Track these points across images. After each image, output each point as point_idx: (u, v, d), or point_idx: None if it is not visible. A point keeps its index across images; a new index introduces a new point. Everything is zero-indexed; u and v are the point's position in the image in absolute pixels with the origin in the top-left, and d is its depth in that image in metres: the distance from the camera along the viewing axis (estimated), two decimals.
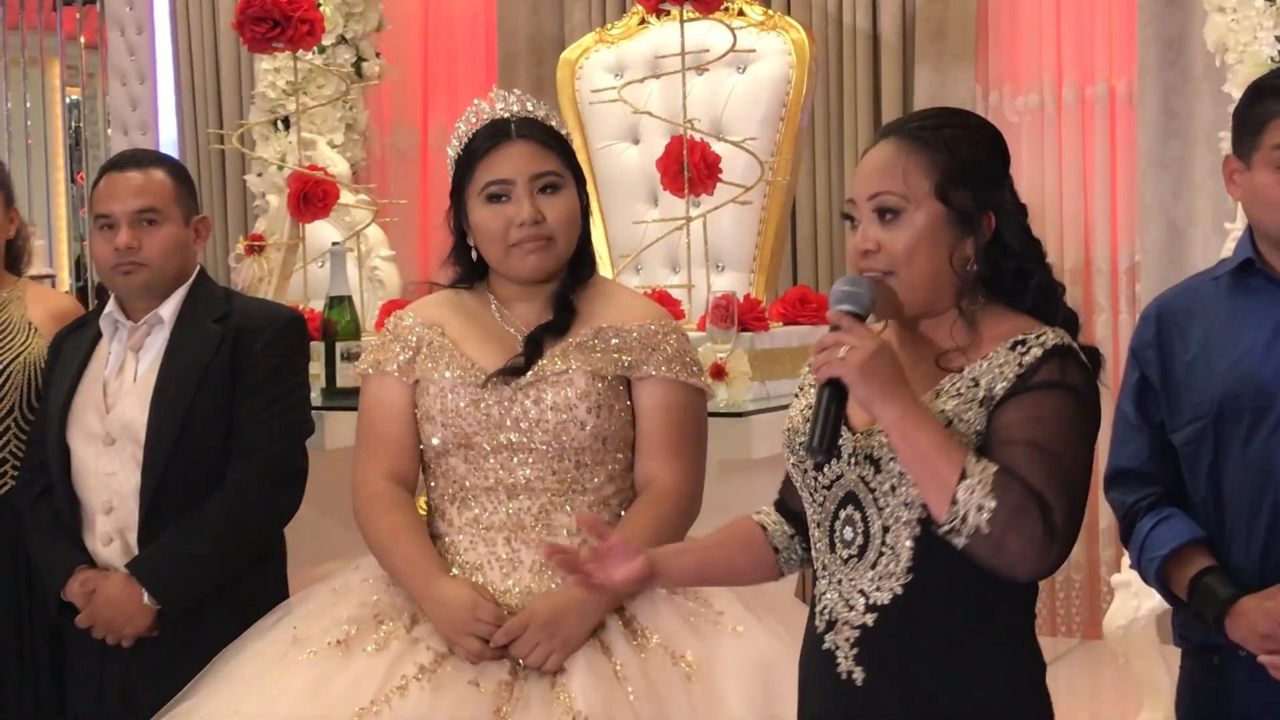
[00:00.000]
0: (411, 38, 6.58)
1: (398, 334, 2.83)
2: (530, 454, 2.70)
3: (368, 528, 2.79)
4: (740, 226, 4.78)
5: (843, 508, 2.14)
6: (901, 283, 2.12)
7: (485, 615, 2.62)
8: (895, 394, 2.02)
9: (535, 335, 2.75)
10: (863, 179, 2.16)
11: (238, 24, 4.45)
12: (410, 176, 6.64)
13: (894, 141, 2.15)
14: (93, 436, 3.15)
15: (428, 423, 2.76)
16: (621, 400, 2.75)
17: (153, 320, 3.18)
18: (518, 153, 2.75)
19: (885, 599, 2.10)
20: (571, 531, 2.70)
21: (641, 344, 2.77)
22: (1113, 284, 5.39)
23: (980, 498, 1.99)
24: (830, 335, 2.06)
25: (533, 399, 2.70)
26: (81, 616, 3.10)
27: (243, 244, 4.89)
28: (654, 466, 2.76)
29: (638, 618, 2.68)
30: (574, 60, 5.19)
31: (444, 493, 2.77)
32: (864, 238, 2.14)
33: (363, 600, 2.74)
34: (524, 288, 2.80)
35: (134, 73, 7.12)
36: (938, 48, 5.46)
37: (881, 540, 2.10)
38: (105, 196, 3.18)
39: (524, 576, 2.70)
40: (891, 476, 2.09)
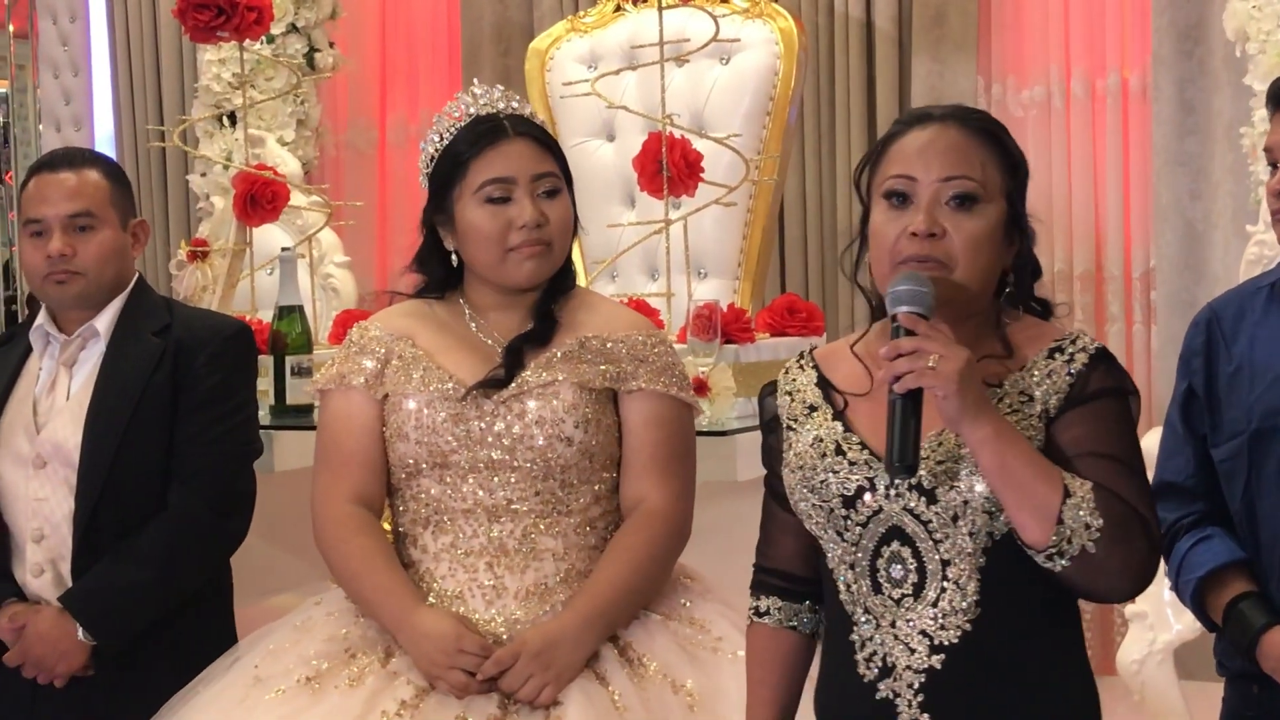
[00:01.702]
0: (368, 26, 6.57)
1: (363, 345, 2.83)
2: (513, 473, 2.70)
3: (333, 554, 2.78)
4: (723, 230, 4.79)
5: (885, 544, 2.13)
6: (958, 278, 2.11)
7: (470, 646, 2.60)
8: (986, 410, 2.01)
9: (515, 345, 2.75)
10: (930, 157, 2.14)
11: (179, 11, 4.45)
12: (367, 176, 6.63)
13: (958, 129, 2.16)
14: (22, 459, 3.14)
15: (399, 440, 2.75)
16: (609, 415, 2.76)
17: (87, 333, 3.18)
18: (518, 151, 2.76)
19: (953, 638, 2.09)
20: (557, 555, 2.71)
21: (630, 355, 2.78)
22: (1126, 291, 5.40)
23: (1086, 516, 1.99)
24: (909, 341, 2.02)
25: (516, 413, 2.70)
26: (10, 654, 3.09)
27: (185, 250, 4.88)
28: (643, 486, 2.77)
29: (633, 645, 2.69)
30: (544, 50, 5.19)
31: (415, 516, 2.77)
32: (932, 220, 2.11)
33: (330, 634, 2.72)
34: (503, 296, 2.80)
35: (67, 64, 7.11)
36: (936, 36, 5.47)
37: (942, 575, 2.09)
38: (36, 200, 3.17)
39: (509, 604, 2.69)
40: (952, 506, 2.08)
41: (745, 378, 3.79)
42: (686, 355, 3.67)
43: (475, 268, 2.80)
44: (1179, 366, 2.68)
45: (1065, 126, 5.45)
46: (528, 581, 2.69)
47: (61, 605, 3.07)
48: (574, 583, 2.71)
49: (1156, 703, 4.37)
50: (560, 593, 2.70)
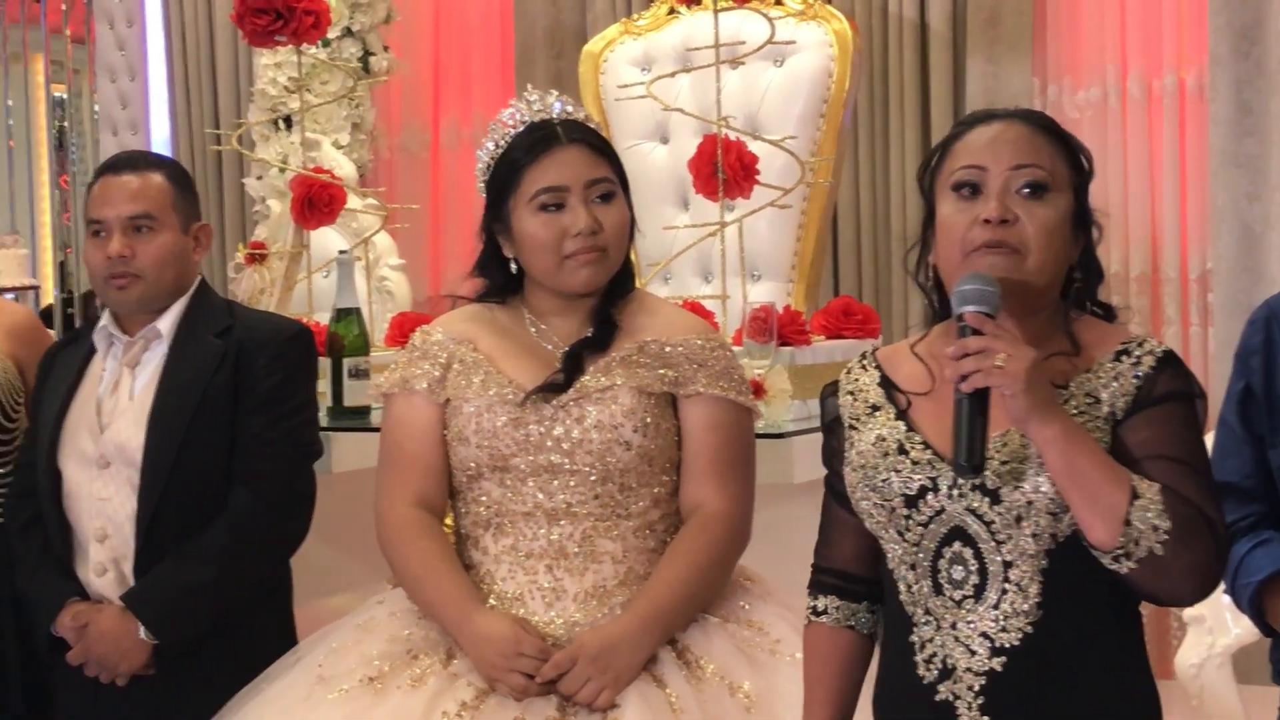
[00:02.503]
0: (421, 30, 6.60)
1: (425, 350, 2.85)
2: (572, 476, 2.72)
3: (396, 557, 2.80)
4: (778, 232, 4.79)
5: (947, 545, 2.13)
6: (1030, 266, 2.12)
7: (529, 649, 2.62)
8: (1054, 409, 2.01)
9: (575, 350, 2.77)
10: (999, 148, 2.15)
11: (237, 16, 4.47)
12: (420, 179, 6.66)
13: (1022, 125, 2.18)
14: (86, 459, 3.16)
15: (460, 444, 2.77)
16: (668, 419, 2.77)
17: (150, 335, 3.20)
18: (570, 159, 2.77)
19: (1014, 640, 2.09)
20: (616, 558, 2.72)
21: (688, 359, 2.79)
22: (1182, 293, 5.38)
23: (1154, 519, 1.99)
24: (976, 340, 2.02)
25: (575, 417, 2.72)
26: (73, 653, 3.12)
27: (243, 252, 4.91)
28: (702, 490, 2.78)
29: (691, 648, 2.70)
30: (597, 53, 5.21)
31: (476, 519, 2.79)
32: (1004, 207, 2.12)
33: (393, 635, 2.74)
34: (563, 301, 2.82)
35: (123, 68, 7.17)
36: (991, 37, 5.45)
37: (1003, 577, 2.09)
38: (99, 201, 3.20)
39: (568, 607, 2.71)
40: (1016, 507, 2.08)
41: (801, 380, 3.79)
42: (742, 358, 3.66)
43: (533, 274, 2.82)
44: (1235, 365, 2.66)
45: (1121, 128, 5.42)
46: (587, 584, 2.71)
47: (124, 604, 3.10)
48: (633, 585, 2.72)
49: (1214, 707, 4.35)
50: (619, 595, 2.71)
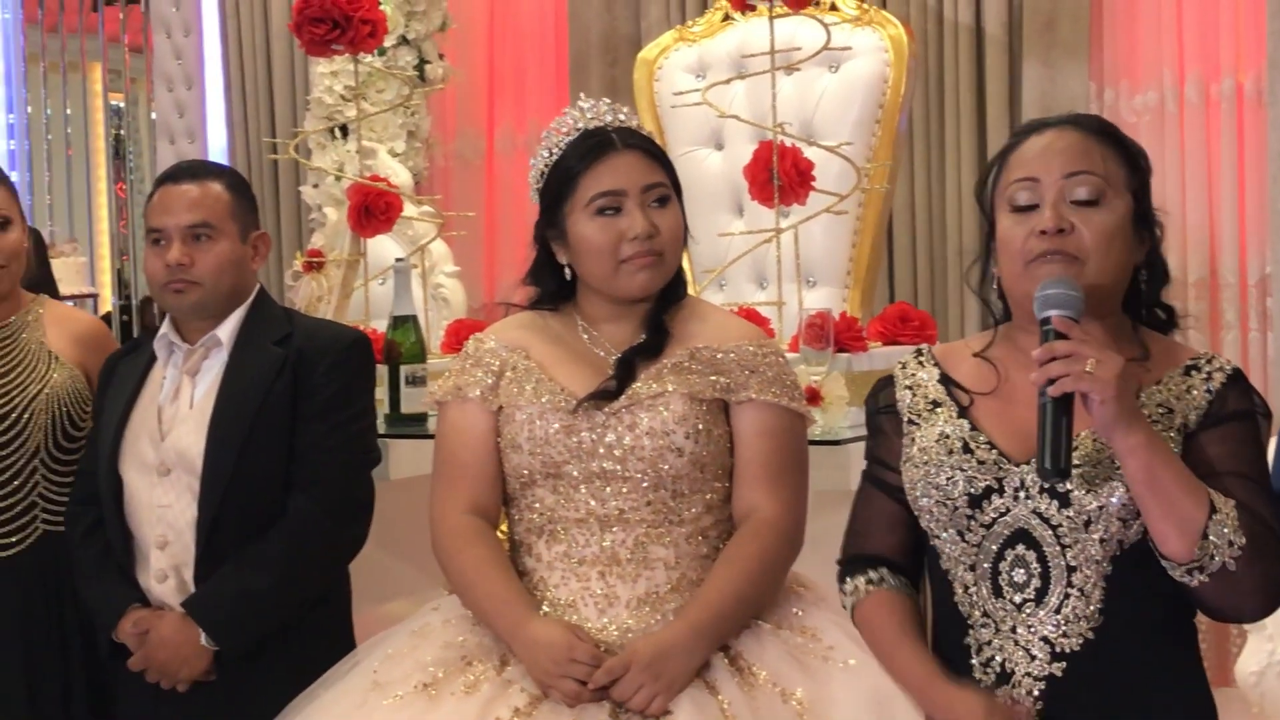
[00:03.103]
0: (476, 37, 6.62)
1: (478, 358, 2.86)
2: (624, 483, 2.72)
3: (450, 564, 2.81)
4: (833, 238, 4.79)
5: (1010, 547, 2.13)
6: (1090, 274, 2.11)
7: (582, 655, 2.62)
8: (1139, 418, 2.00)
9: (627, 357, 2.77)
10: (1050, 158, 2.15)
11: (295, 25, 4.49)
12: (474, 186, 6.68)
13: (1074, 131, 2.17)
14: (146, 466, 3.18)
15: (513, 451, 2.78)
16: (720, 425, 2.77)
17: (210, 342, 3.22)
18: (627, 163, 2.77)
19: (1075, 645, 2.09)
20: (669, 565, 2.72)
21: (740, 366, 2.78)
22: (1241, 298, 5.34)
23: (1231, 534, 1.98)
24: (1064, 344, 2.01)
25: (627, 424, 2.72)
26: (134, 659, 3.14)
27: (300, 260, 4.94)
28: (755, 497, 2.77)
29: (744, 654, 2.69)
30: (652, 60, 5.22)
31: (530, 526, 2.79)
32: (1059, 216, 2.11)
33: (447, 641, 2.75)
34: (616, 308, 2.82)
35: (180, 77, 7.22)
36: (1048, 41, 5.43)
37: (1066, 581, 2.09)
38: (158, 209, 3.22)
39: (620, 613, 2.71)
40: (1086, 511, 2.07)
41: (858, 387, 3.78)
42: (799, 364, 3.67)
43: (588, 280, 2.82)
44: None
45: (1179, 132, 5.39)
46: (639, 590, 2.71)
47: (184, 611, 3.12)
48: (685, 592, 2.71)
49: (1275, 715, 4.32)
50: (671, 602, 2.71)
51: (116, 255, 8.66)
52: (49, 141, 8.33)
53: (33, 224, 3.59)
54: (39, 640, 3.37)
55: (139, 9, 7.79)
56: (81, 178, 8.67)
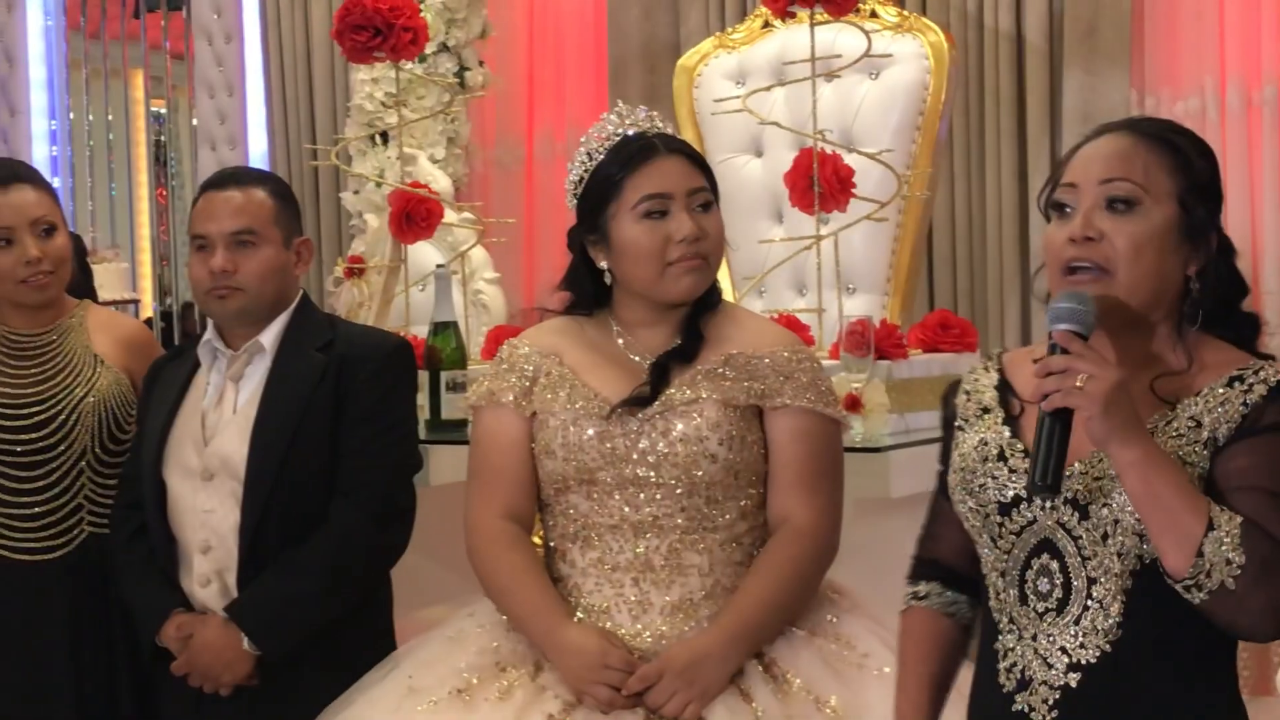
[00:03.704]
0: (516, 45, 6.64)
1: (512, 363, 2.86)
2: (658, 489, 2.71)
3: (485, 570, 2.81)
4: (873, 245, 4.78)
5: (1036, 556, 2.11)
6: (1119, 283, 2.08)
7: (616, 662, 2.63)
8: (1135, 433, 1.98)
9: (661, 362, 2.77)
10: (1091, 163, 2.12)
11: (336, 33, 4.51)
12: (514, 193, 6.69)
13: (1126, 136, 2.14)
14: (190, 472, 3.19)
15: (547, 457, 2.78)
16: (754, 431, 2.76)
17: (253, 349, 3.23)
18: (672, 167, 2.77)
19: (1091, 657, 2.07)
20: (703, 571, 2.72)
21: (775, 372, 2.78)
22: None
23: (1229, 551, 1.95)
24: (1059, 359, 2.00)
25: (661, 430, 2.72)
26: (178, 663, 3.15)
27: (341, 267, 4.95)
28: (789, 503, 2.76)
29: (778, 661, 2.69)
30: (692, 67, 5.22)
31: (564, 532, 2.79)
32: (1087, 224, 2.09)
33: (482, 647, 2.75)
34: (653, 313, 2.82)
35: (222, 84, 7.26)
36: (1088, 48, 5.42)
37: (1086, 593, 2.07)
38: (203, 216, 3.23)
39: (655, 620, 2.71)
40: (1104, 524, 2.06)
41: (898, 394, 3.77)
42: (840, 371, 3.67)
43: (631, 284, 2.81)
44: None
45: (1220, 137, 5.37)
46: (673, 597, 2.71)
47: (227, 615, 3.13)
48: (719, 598, 2.71)
49: None
50: (706, 608, 2.71)
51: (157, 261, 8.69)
52: (90, 148, 8.37)
53: (74, 230, 3.60)
54: (85, 642, 3.38)
55: (181, 16, 7.84)
56: (123, 184, 8.72)
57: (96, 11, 8.41)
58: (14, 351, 3.45)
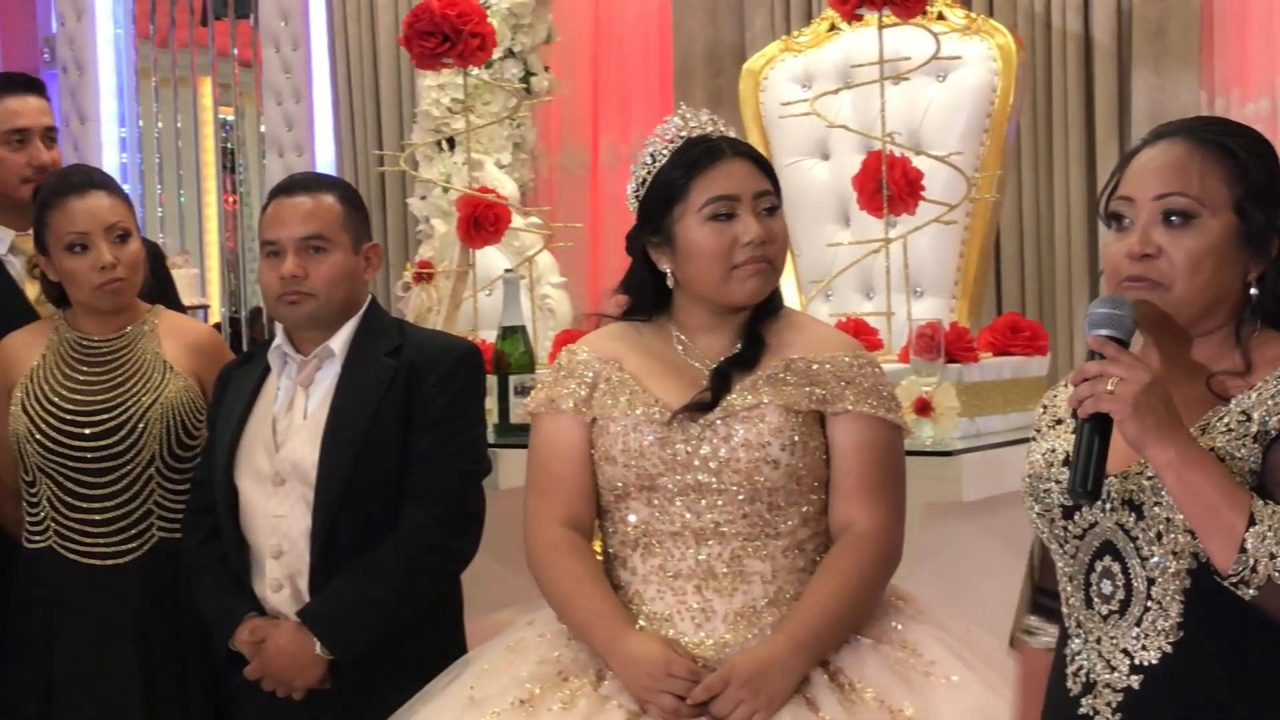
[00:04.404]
0: (581, 50, 6.63)
1: (571, 369, 2.84)
2: (720, 496, 2.69)
3: (545, 578, 2.79)
4: (941, 248, 4.75)
5: (1098, 559, 2.10)
6: (1177, 295, 2.08)
7: (680, 671, 2.60)
8: (1170, 433, 1.97)
9: (722, 368, 2.74)
10: (1147, 176, 2.11)
11: (404, 39, 4.52)
12: (579, 197, 6.68)
13: (1182, 143, 2.12)
14: (261, 477, 3.21)
15: (607, 464, 2.76)
16: (816, 437, 2.74)
17: (323, 354, 3.24)
18: (739, 170, 2.76)
19: (1153, 658, 2.06)
20: (766, 578, 2.69)
21: (836, 377, 2.75)
22: None
23: (1272, 545, 1.94)
24: (1093, 364, 2.01)
25: (722, 436, 2.69)
26: (251, 667, 3.16)
27: (410, 272, 4.96)
28: (852, 510, 2.74)
29: (844, 669, 2.66)
30: (758, 71, 5.19)
31: (624, 538, 2.77)
32: (1145, 240, 2.08)
33: (543, 657, 2.73)
34: (714, 317, 2.80)
35: (289, 91, 7.28)
36: (1157, 49, 5.36)
37: (1146, 594, 2.06)
38: (272, 222, 3.24)
39: (718, 627, 2.68)
40: (1157, 523, 2.05)
41: (969, 397, 3.75)
42: (909, 375, 3.65)
43: (695, 287, 2.79)
44: None
45: None
46: (736, 604, 2.68)
47: (300, 620, 3.14)
48: (782, 606, 2.68)
49: None
50: (769, 616, 2.68)
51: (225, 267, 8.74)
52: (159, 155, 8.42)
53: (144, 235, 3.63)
54: (156, 646, 3.40)
55: (248, 24, 7.87)
56: (191, 190, 8.76)
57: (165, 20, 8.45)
58: (85, 357, 3.47)
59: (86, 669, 3.39)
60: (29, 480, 3.44)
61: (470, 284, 4.78)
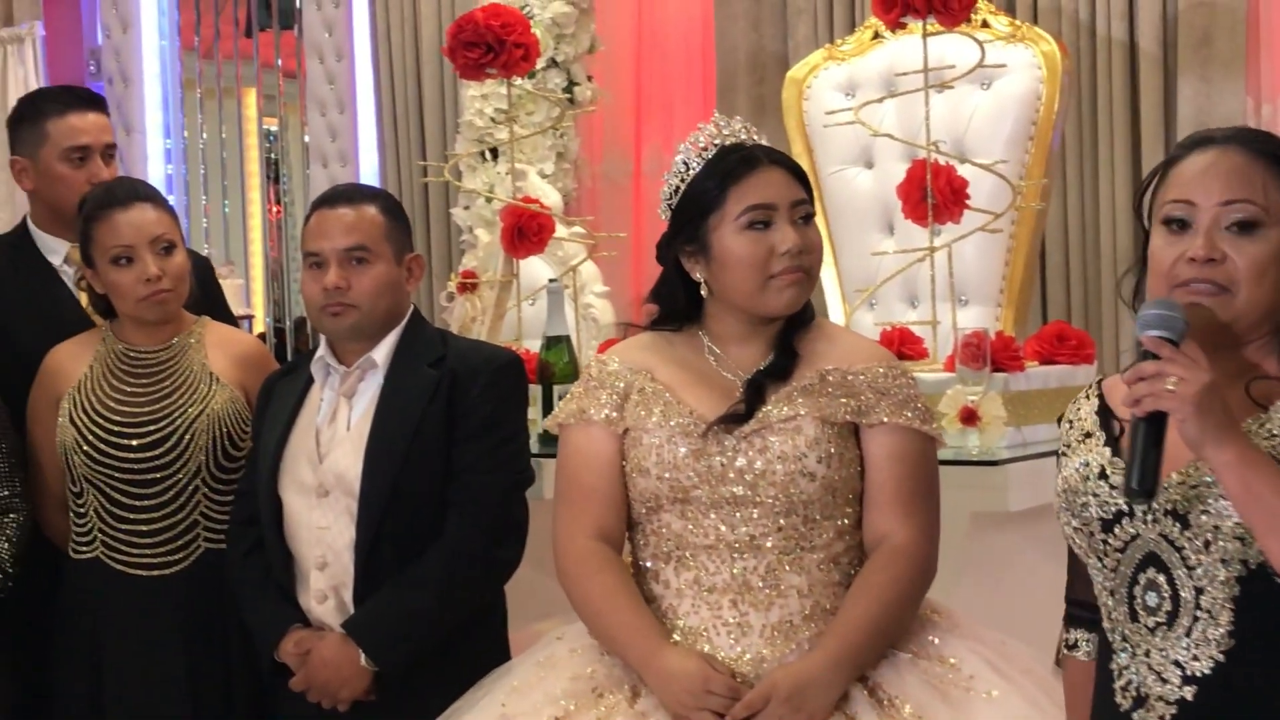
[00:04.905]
0: (623, 59, 6.63)
1: (602, 380, 2.81)
2: (755, 508, 2.66)
3: (576, 591, 2.76)
4: (985, 257, 4.72)
5: (1142, 570, 2.09)
6: (1240, 302, 2.07)
7: (718, 687, 2.57)
8: (1229, 433, 1.96)
9: (756, 379, 2.71)
10: (1210, 181, 2.09)
11: (449, 50, 4.52)
12: (622, 207, 6.68)
13: (1238, 152, 2.11)
14: (305, 488, 3.20)
15: (640, 476, 2.73)
16: (851, 449, 2.71)
17: (366, 365, 3.23)
18: (775, 179, 2.74)
19: (1205, 668, 2.04)
20: (802, 592, 2.66)
21: (870, 388, 2.72)
22: None
23: None
24: (1150, 364, 1.99)
25: (758, 448, 2.66)
26: (296, 679, 3.16)
27: (454, 282, 4.97)
28: (888, 523, 2.71)
29: (882, 685, 2.63)
30: (801, 79, 5.18)
31: (657, 551, 2.74)
32: (1211, 245, 2.07)
33: (576, 673, 2.70)
34: (747, 328, 2.77)
35: (333, 101, 7.32)
36: (1203, 57, 5.32)
37: (1195, 604, 2.05)
38: (315, 234, 3.24)
39: (755, 642, 2.65)
40: (1204, 532, 2.03)
41: (1015, 406, 3.72)
42: (955, 384, 3.62)
43: (730, 296, 2.75)
44: None
45: None
46: (773, 619, 2.65)
47: (345, 632, 3.13)
48: (819, 620, 2.66)
49: None
50: (806, 630, 2.65)
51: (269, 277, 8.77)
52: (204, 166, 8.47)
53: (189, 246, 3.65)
54: (201, 656, 3.40)
55: (293, 35, 7.91)
56: (236, 201, 8.80)
57: (210, 31, 8.50)
58: (132, 368, 3.48)
59: (133, 679, 3.40)
60: (76, 491, 3.45)
61: (514, 294, 4.78)
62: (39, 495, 3.51)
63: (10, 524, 3.42)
